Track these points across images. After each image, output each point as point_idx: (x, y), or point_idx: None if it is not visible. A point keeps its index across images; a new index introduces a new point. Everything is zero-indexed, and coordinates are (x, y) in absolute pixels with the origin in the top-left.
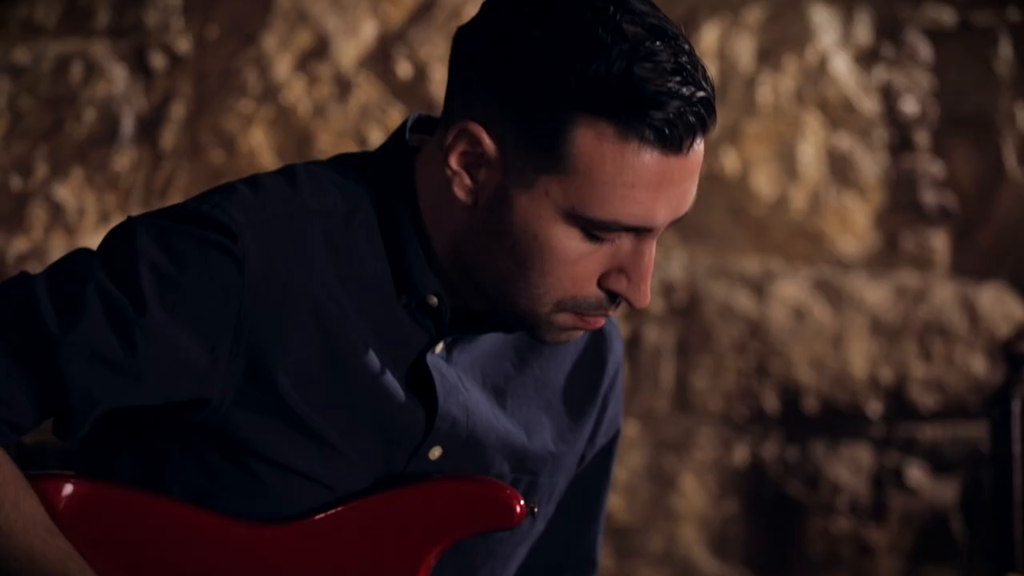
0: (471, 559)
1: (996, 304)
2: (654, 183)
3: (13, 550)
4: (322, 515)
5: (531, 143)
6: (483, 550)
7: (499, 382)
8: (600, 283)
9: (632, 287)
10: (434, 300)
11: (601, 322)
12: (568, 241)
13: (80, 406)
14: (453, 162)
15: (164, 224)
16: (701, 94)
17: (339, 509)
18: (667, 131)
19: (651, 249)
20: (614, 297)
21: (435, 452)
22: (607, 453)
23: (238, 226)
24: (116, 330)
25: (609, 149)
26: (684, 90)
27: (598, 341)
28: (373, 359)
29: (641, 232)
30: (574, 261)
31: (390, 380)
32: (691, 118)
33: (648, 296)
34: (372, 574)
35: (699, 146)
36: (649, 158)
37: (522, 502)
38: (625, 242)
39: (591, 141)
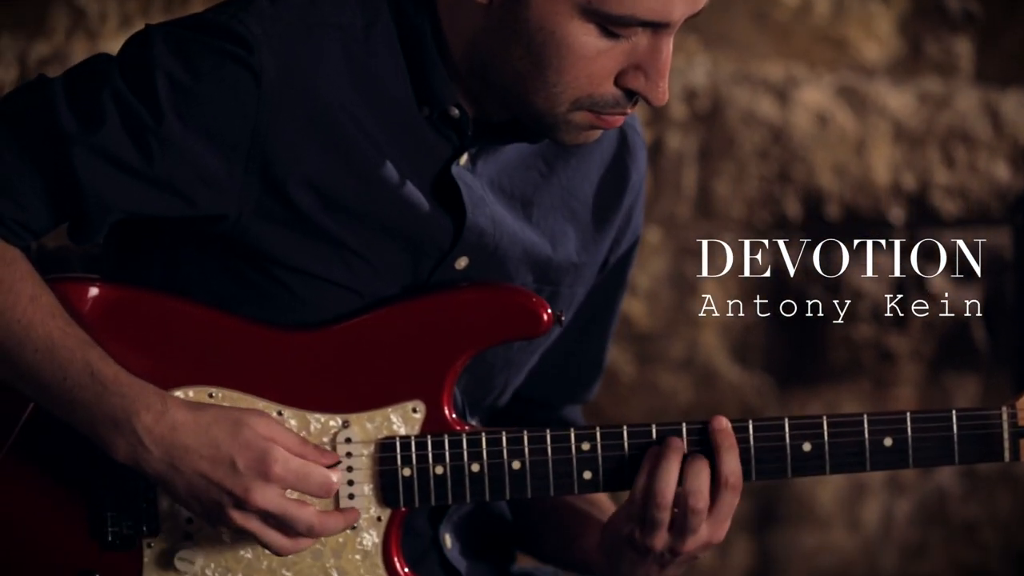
0: (490, 367)
1: (1019, 110)
2: None
3: (33, 341)
4: (350, 321)
5: None
6: (502, 358)
7: (526, 192)
8: (617, 81)
9: (650, 84)
10: (455, 111)
11: (619, 121)
12: (585, 38)
13: (94, 209)
14: None
15: (181, 34)
16: None
17: (366, 316)
18: None
19: (668, 46)
20: (631, 95)
21: (461, 262)
22: (627, 259)
23: (255, 37)
24: (132, 136)
25: None
26: None
27: (624, 152)
28: (392, 171)
29: (658, 28)
30: (591, 58)
31: (413, 191)
32: None
33: (666, 94)
34: (400, 381)
35: None
36: None
37: (549, 310)
38: (642, 39)
39: None
